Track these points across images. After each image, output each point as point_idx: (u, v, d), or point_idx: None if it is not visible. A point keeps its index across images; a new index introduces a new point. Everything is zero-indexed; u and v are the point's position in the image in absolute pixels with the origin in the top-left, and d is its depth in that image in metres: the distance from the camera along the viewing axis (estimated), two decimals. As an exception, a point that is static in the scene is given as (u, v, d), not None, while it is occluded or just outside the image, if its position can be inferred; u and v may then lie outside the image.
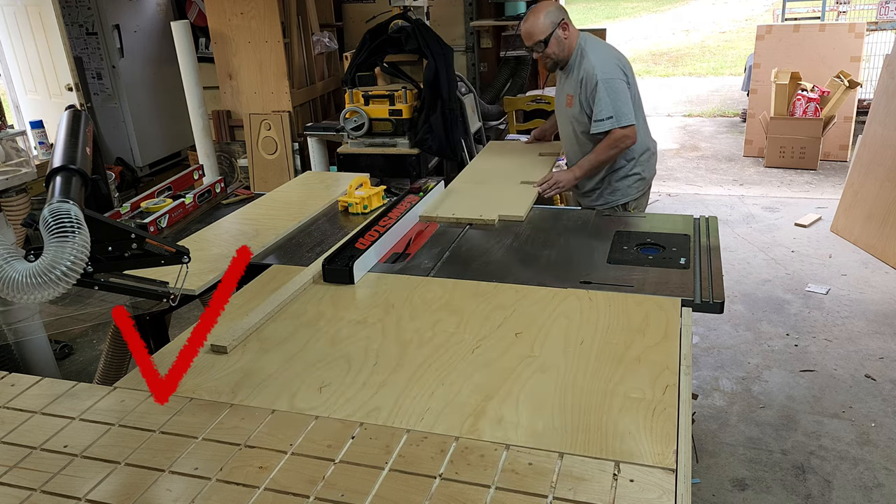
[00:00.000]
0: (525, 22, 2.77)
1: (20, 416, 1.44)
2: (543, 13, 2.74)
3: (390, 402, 1.42)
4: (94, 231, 1.40)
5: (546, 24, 2.73)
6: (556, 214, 2.55)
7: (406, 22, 3.85)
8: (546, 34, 2.73)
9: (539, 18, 2.73)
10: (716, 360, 3.28)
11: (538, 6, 2.79)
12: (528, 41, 2.79)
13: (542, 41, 2.74)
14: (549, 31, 2.73)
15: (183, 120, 5.18)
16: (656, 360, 1.52)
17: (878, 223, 4.26)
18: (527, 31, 2.76)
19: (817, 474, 2.53)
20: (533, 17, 2.76)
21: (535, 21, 2.74)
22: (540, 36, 2.74)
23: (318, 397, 1.44)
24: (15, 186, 3.28)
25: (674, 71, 12.02)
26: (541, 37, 2.74)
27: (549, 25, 2.73)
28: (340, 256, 2.07)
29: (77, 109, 1.84)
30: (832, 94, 5.91)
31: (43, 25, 5.05)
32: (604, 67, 2.72)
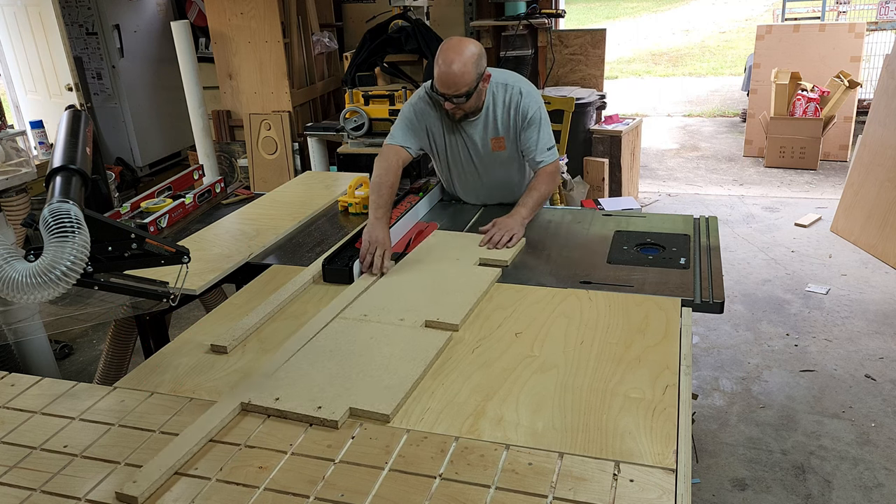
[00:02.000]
0: (451, 64, 2.20)
1: (20, 416, 1.45)
2: (471, 61, 2.22)
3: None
4: (94, 231, 1.39)
5: (473, 76, 2.23)
6: (555, 214, 2.55)
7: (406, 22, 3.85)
8: (470, 87, 2.24)
9: (466, 67, 2.21)
10: (716, 360, 3.28)
11: (461, 48, 2.24)
12: (449, 90, 2.24)
13: (465, 94, 2.25)
14: (475, 84, 2.25)
15: (183, 120, 5.18)
16: (656, 360, 1.52)
17: (878, 223, 4.26)
18: (450, 80, 2.22)
19: (817, 474, 2.53)
20: (459, 63, 2.20)
21: (461, 69, 2.20)
22: (463, 88, 2.23)
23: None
24: (15, 186, 3.28)
25: (674, 71, 12.02)
26: (464, 89, 2.24)
27: (476, 77, 2.25)
28: (340, 256, 2.07)
29: (77, 109, 1.84)
30: (832, 94, 5.91)
31: (43, 25, 5.05)
32: (536, 93, 2.44)
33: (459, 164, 2.56)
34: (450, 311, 1.75)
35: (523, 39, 5.42)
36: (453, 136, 2.48)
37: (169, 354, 1.65)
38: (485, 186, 2.60)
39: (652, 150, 6.99)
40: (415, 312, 1.77)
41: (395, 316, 1.76)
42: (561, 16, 5.59)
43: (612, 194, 5.12)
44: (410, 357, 1.55)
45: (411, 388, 1.45)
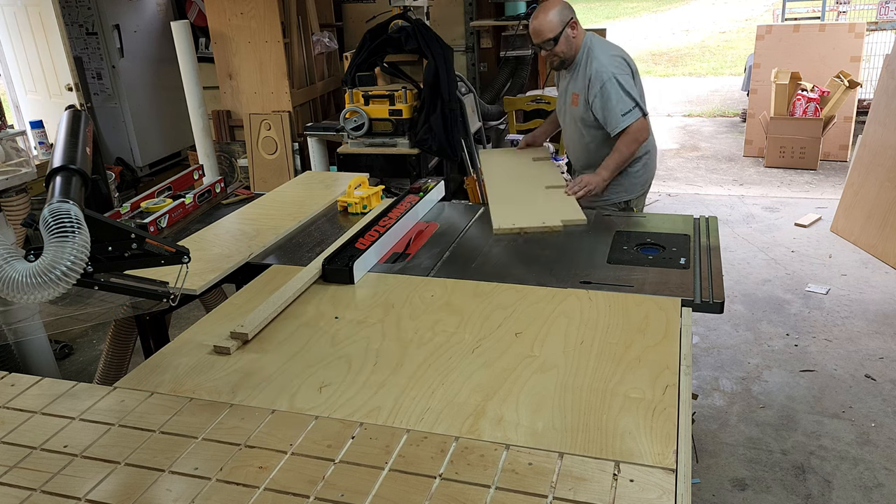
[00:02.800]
0: (534, 19, 2.73)
1: (20, 416, 1.44)
2: (553, 10, 2.71)
3: (390, 402, 1.42)
4: (94, 231, 1.39)
5: (556, 23, 2.70)
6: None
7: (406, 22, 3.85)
8: (556, 32, 2.70)
9: (549, 16, 2.70)
10: (716, 360, 3.28)
11: (546, 3, 2.75)
12: (537, 38, 2.75)
13: (551, 39, 2.71)
14: (559, 29, 2.70)
15: (183, 120, 5.18)
16: (656, 360, 1.52)
17: (878, 223, 4.26)
18: (536, 29, 2.73)
19: (817, 474, 2.53)
20: (543, 14, 2.71)
21: (544, 18, 2.70)
22: (549, 34, 2.71)
23: (318, 397, 1.44)
24: (15, 186, 3.28)
25: (674, 71, 12.02)
26: (550, 35, 2.71)
27: (559, 24, 2.70)
28: (340, 256, 2.07)
29: (77, 109, 1.84)
30: (832, 94, 5.91)
31: (43, 25, 5.05)
32: (613, 64, 2.72)
33: (558, 110, 3.05)
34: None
35: (523, 39, 5.42)
36: (561, 81, 2.97)
37: (169, 354, 1.65)
38: (566, 135, 3.04)
39: (652, 150, 6.98)
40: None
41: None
42: (561, 16, 5.58)
43: (612, 194, 5.11)
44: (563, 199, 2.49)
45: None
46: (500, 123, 5.31)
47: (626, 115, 2.69)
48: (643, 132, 2.76)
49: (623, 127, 2.71)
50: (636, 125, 2.72)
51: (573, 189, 2.69)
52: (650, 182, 3.04)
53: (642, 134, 2.76)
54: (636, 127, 2.72)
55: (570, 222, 2.40)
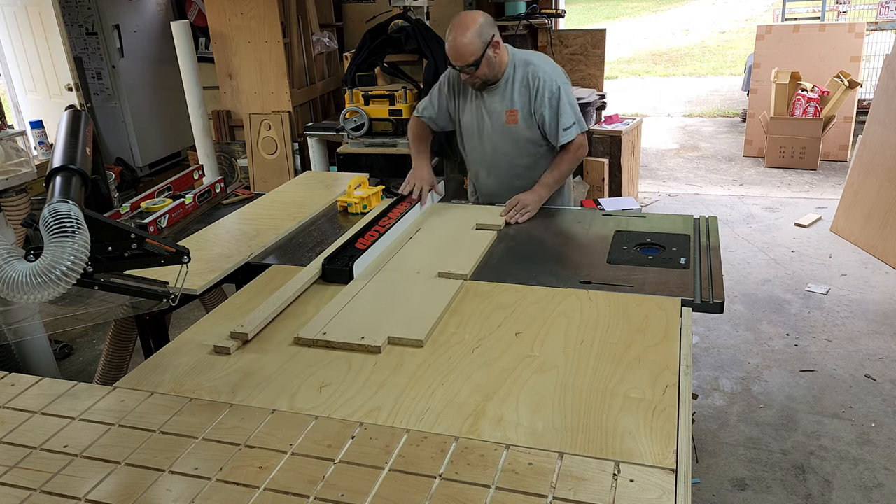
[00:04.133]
0: (453, 40, 2.37)
1: (20, 416, 1.44)
2: (473, 30, 2.36)
3: (390, 402, 1.42)
4: (94, 231, 1.39)
5: (477, 45, 2.37)
6: (555, 214, 2.55)
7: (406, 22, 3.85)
8: (477, 56, 2.38)
9: (467, 37, 2.35)
10: (716, 360, 3.28)
11: (464, 21, 2.40)
12: (457, 62, 2.41)
13: (473, 63, 2.39)
14: (481, 52, 2.38)
15: (183, 120, 5.18)
16: (656, 360, 1.52)
17: (878, 223, 4.26)
18: (455, 52, 2.39)
19: (817, 474, 2.53)
20: (461, 35, 2.36)
21: (462, 41, 2.36)
22: (471, 57, 2.38)
23: (318, 397, 1.44)
24: (15, 186, 3.28)
25: (674, 71, 12.02)
26: (471, 59, 2.38)
27: (480, 46, 2.37)
28: (340, 256, 2.07)
29: (77, 109, 1.84)
30: (832, 94, 5.91)
31: (43, 25, 5.05)
32: (557, 73, 2.52)
33: (474, 134, 2.67)
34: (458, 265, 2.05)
35: (523, 39, 5.42)
36: (473, 104, 2.62)
37: (169, 354, 1.65)
38: (494, 164, 2.69)
39: (652, 150, 6.99)
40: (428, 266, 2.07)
41: (412, 270, 2.05)
42: (561, 16, 5.59)
43: (612, 194, 5.12)
44: (432, 299, 1.84)
45: (438, 319, 1.73)
46: (500, 123, 5.30)
47: (572, 128, 2.51)
48: (584, 149, 2.58)
49: (569, 139, 2.51)
50: (579, 140, 2.54)
51: (510, 214, 2.41)
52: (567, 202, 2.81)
53: (583, 150, 2.58)
54: (579, 142, 2.54)
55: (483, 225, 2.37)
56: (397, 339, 1.64)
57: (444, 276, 2.00)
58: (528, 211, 2.45)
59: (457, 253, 2.16)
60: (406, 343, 1.63)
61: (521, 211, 2.44)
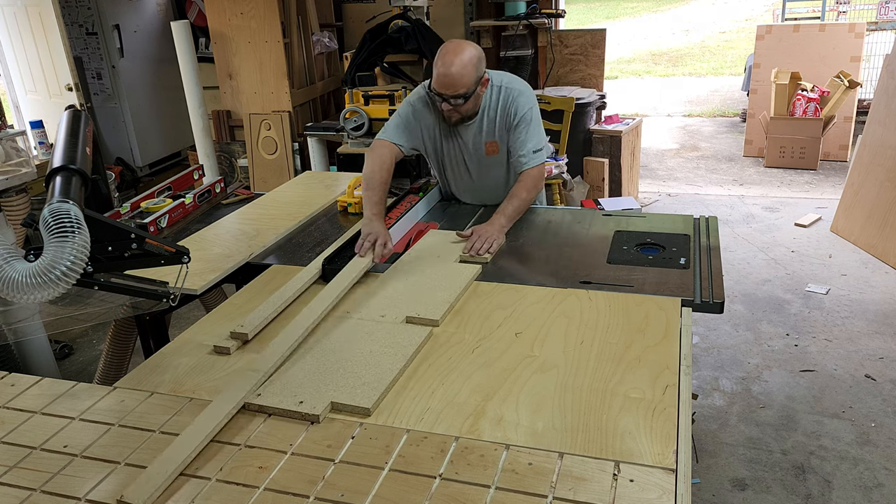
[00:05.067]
0: (451, 66, 2.19)
1: (20, 416, 1.45)
2: (472, 63, 2.22)
3: (390, 402, 1.42)
4: (94, 231, 1.40)
5: (473, 79, 2.23)
6: (555, 214, 2.55)
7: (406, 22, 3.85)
8: (470, 89, 2.24)
9: (466, 68, 2.20)
10: (716, 360, 3.28)
11: (463, 49, 2.22)
12: (448, 90, 2.22)
13: (461, 95, 2.23)
14: (475, 87, 2.25)
15: (183, 120, 5.18)
16: (656, 360, 1.52)
17: (878, 223, 4.26)
18: (450, 80, 2.20)
19: (817, 474, 2.53)
20: (458, 64, 2.19)
21: (461, 70, 2.19)
22: (462, 89, 2.22)
23: (318, 397, 1.44)
24: (15, 186, 3.28)
25: (674, 71, 12.01)
26: (462, 90, 2.22)
27: (476, 80, 2.24)
28: (340, 256, 2.07)
29: (77, 109, 1.84)
30: (832, 94, 5.91)
31: (43, 25, 5.05)
32: (531, 96, 2.38)
33: (454, 168, 2.54)
34: (430, 308, 1.77)
35: (523, 39, 5.42)
36: (449, 140, 2.46)
37: (169, 354, 1.65)
38: (480, 189, 2.58)
39: (652, 150, 6.99)
40: (395, 309, 1.79)
41: (377, 313, 1.77)
42: (561, 16, 5.59)
43: (612, 194, 5.12)
44: (391, 352, 1.57)
45: (392, 382, 1.46)
46: (500, 123, 5.30)
47: (536, 155, 2.35)
48: (542, 176, 2.41)
49: (532, 165, 2.35)
50: (540, 169, 2.39)
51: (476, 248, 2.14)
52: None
53: (542, 179, 2.41)
54: (540, 171, 2.38)
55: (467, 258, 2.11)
56: (341, 406, 1.39)
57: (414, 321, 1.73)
58: (495, 241, 2.18)
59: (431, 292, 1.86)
60: (352, 411, 1.38)
61: (485, 242, 2.15)
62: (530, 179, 2.36)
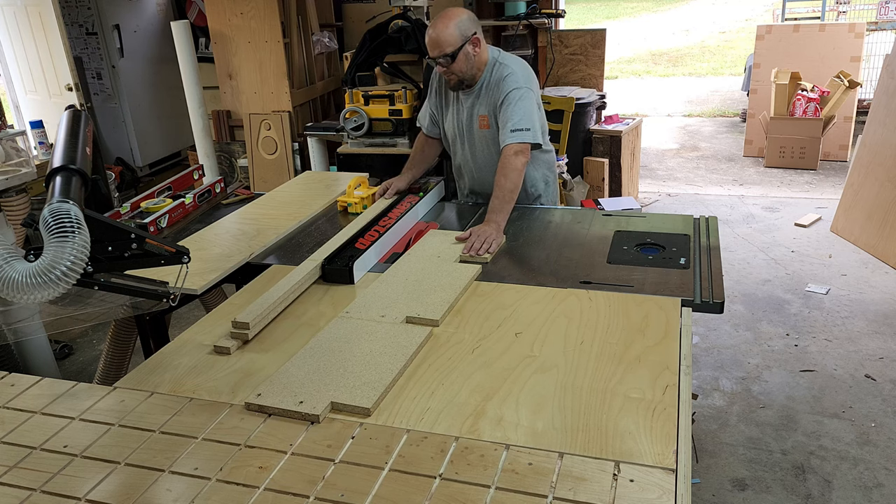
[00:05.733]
0: (432, 28, 2.37)
1: (20, 416, 1.45)
2: (454, 22, 2.35)
3: (390, 402, 1.42)
4: (94, 231, 1.39)
5: (456, 36, 2.34)
6: (555, 214, 2.55)
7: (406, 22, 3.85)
8: (455, 47, 2.35)
9: (448, 28, 2.34)
10: (716, 360, 3.28)
11: (449, 12, 2.40)
12: (433, 51, 2.38)
13: (448, 54, 2.35)
14: (459, 44, 2.35)
15: (183, 120, 5.18)
16: (656, 360, 1.52)
17: (878, 223, 4.26)
18: (432, 40, 2.36)
19: (817, 474, 2.53)
20: (442, 24, 2.36)
21: (443, 30, 2.34)
22: (448, 48, 2.35)
23: (318, 397, 1.44)
24: (15, 186, 3.28)
25: (674, 71, 12.02)
26: (448, 49, 2.35)
27: (459, 38, 2.35)
28: (340, 256, 2.07)
29: (77, 109, 1.84)
30: (832, 94, 5.91)
31: (43, 25, 5.05)
32: (527, 79, 2.44)
33: (455, 139, 2.65)
34: (430, 308, 1.77)
35: (523, 39, 5.42)
36: (454, 107, 2.61)
37: (169, 354, 1.65)
38: (475, 167, 2.66)
39: (652, 150, 6.99)
40: (395, 309, 1.78)
41: (377, 313, 1.77)
42: (561, 16, 5.59)
43: (612, 194, 5.12)
44: (391, 352, 1.57)
45: (392, 382, 1.47)
46: (500, 123, 5.30)
47: (517, 133, 2.36)
48: (522, 156, 2.37)
49: (508, 142, 2.36)
50: (517, 148, 2.35)
51: (473, 250, 2.14)
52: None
53: (521, 158, 2.37)
54: (515, 149, 2.35)
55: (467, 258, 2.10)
56: (341, 406, 1.40)
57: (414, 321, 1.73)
58: (494, 240, 2.19)
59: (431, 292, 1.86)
60: (352, 411, 1.38)
61: (484, 243, 2.16)
62: (507, 161, 2.36)
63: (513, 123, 2.37)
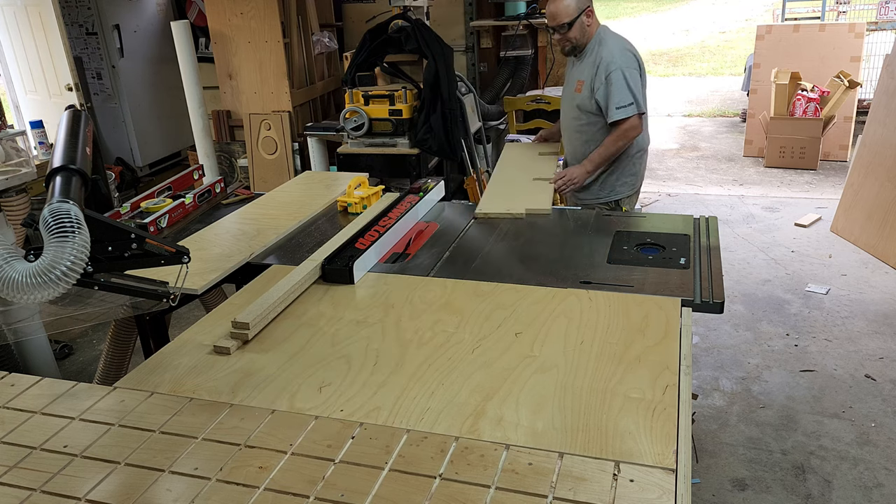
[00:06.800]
0: (552, 3, 2.81)
1: (20, 416, 1.44)
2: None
3: (390, 402, 1.42)
4: (94, 231, 1.39)
5: (573, 8, 2.78)
6: (555, 214, 2.55)
7: (406, 22, 3.85)
8: (572, 17, 2.78)
9: (568, 2, 2.78)
10: (716, 360, 3.28)
11: None
12: (552, 21, 2.83)
13: (566, 23, 2.79)
14: (576, 14, 2.78)
15: (183, 120, 5.18)
16: (656, 360, 1.52)
17: (878, 223, 4.26)
18: (553, 12, 2.81)
19: (817, 474, 2.53)
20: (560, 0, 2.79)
21: (562, 2, 2.78)
22: (566, 18, 2.79)
23: (318, 397, 1.44)
24: (15, 186, 3.28)
25: (674, 71, 12.02)
26: (566, 19, 2.79)
27: (576, 9, 2.78)
28: (340, 256, 2.07)
29: (77, 109, 1.84)
30: (832, 94, 5.91)
31: (43, 25, 5.05)
32: (622, 55, 2.79)
33: (563, 100, 3.07)
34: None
35: (523, 39, 5.42)
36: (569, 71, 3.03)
37: (169, 354, 1.65)
38: (565, 125, 3.07)
39: (652, 150, 6.95)
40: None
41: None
42: (561, 16, 5.58)
43: (612, 194, 5.11)
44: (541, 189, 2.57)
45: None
46: (500, 123, 5.31)
47: (622, 109, 2.76)
48: (634, 130, 2.82)
49: (617, 118, 2.77)
50: (630, 122, 2.79)
51: (556, 181, 2.81)
52: (640, 183, 3.08)
53: (633, 132, 2.82)
54: (629, 124, 2.79)
55: (532, 211, 2.49)
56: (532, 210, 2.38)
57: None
58: (574, 183, 2.85)
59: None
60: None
61: (567, 182, 2.84)
62: (618, 131, 2.81)
63: (615, 102, 2.75)
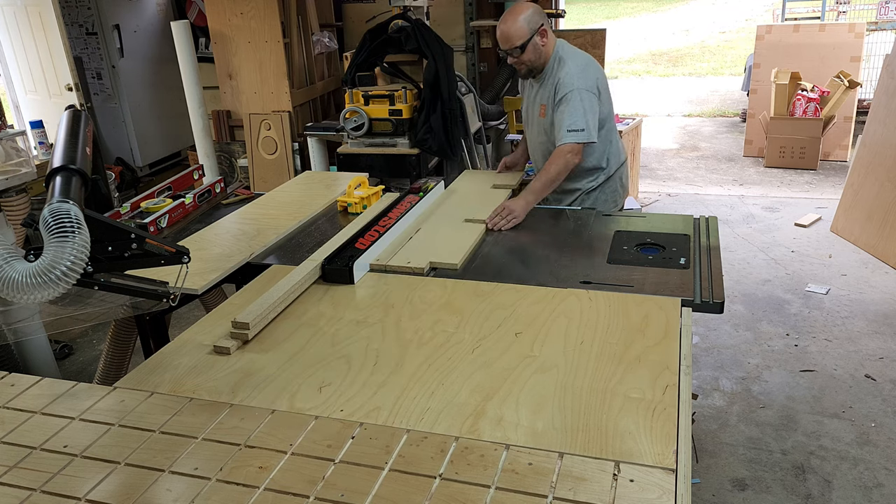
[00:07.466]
0: (502, 23, 2.59)
1: (20, 416, 1.44)
2: (523, 16, 2.56)
3: (390, 402, 1.42)
4: (94, 231, 1.39)
5: (525, 30, 2.56)
6: (555, 214, 2.55)
7: (406, 22, 3.85)
8: (524, 39, 2.56)
9: (517, 22, 2.56)
10: (716, 360, 3.28)
11: (517, 7, 2.60)
12: (504, 44, 2.61)
13: (518, 46, 2.57)
14: (528, 37, 2.56)
15: (183, 120, 5.18)
16: (656, 360, 1.52)
17: (878, 223, 4.26)
18: (503, 34, 2.59)
19: (817, 474, 2.53)
20: (511, 18, 2.57)
21: (513, 24, 2.56)
22: (518, 41, 2.57)
23: (318, 397, 1.44)
24: (15, 186, 3.28)
25: (674, 71, 12.02)
26: (518, 42, 2.57)
27: (528, 31, 2.56)
28: (340, 256, 2.07)
29: (77, 109, 1.84)
30: (832, 94, 5.91)
31: (43, 25, 5.05)
32: (581, 76, 2.58)
33: (525, 124, 2.91)
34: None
35: (523, 39, 5.40)
36: (527, 93, 2.85)
37: (169, 354, 1.65)
38: (533, 150, 2.90)
39: (652, 150, 6.99)
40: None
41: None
42: (561, 16, 5.59)
43: (612, 194, 5.11)
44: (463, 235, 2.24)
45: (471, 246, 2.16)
46: (500, 123, 5.31)
47: (573, 133, 2.54)
48: (574, 157, 2.57)
49: (564, 142, 2.54)
50: (571, 147, 2.54)
51: (495, 220, 2.41)
52: (623, 198, 2.88)
53: (573, 158, 2.57)
54: (570, 148, 2.54)
55: (437, 264, 2.10)
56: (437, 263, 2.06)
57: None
58: (514, 218, 2.42)
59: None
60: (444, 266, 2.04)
61: (506, 218, 2.41)
62: (560, 156, 2.57)
63: (568, 124, 2.54)
